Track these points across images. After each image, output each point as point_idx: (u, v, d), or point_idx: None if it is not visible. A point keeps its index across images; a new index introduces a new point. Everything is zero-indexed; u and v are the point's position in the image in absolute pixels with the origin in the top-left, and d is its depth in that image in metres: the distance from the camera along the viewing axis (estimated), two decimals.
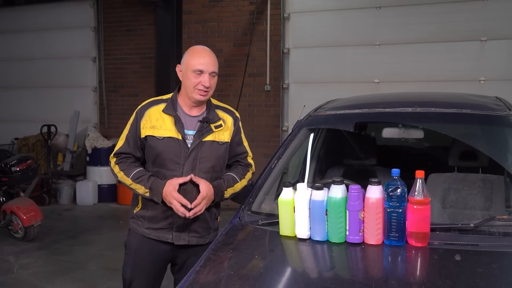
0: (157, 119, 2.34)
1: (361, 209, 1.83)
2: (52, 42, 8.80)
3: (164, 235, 2.37)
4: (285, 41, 7.36)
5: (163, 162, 2.32)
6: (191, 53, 2.35)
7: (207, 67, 2.30)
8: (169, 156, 2.31)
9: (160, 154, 2.32)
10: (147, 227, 2.39)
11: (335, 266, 1.81)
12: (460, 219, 2.34)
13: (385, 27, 6.79)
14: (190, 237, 2.38)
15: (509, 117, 2.34)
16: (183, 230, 2.36)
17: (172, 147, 2.30)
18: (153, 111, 2.36)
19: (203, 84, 2.29)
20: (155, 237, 2.38)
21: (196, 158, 2.32)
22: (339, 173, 3.08)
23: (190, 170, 2.30)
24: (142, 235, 2.40)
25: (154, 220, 2.37)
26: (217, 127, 2.38)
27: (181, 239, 2.37)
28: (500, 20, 6.26)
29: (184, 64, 2.35)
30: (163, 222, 2.36)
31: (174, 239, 2.37)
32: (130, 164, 2.37)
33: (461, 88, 5.75)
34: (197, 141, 2.31)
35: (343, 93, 3.83)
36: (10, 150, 8.19)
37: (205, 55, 2.33)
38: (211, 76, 2.31)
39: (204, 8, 7.69)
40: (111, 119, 8.55)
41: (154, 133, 2.32)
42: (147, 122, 2.34)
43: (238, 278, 1.66)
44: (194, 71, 2.29)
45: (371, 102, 2.82)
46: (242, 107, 7.33)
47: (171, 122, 2.33)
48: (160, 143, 2.31)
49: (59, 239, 5.82)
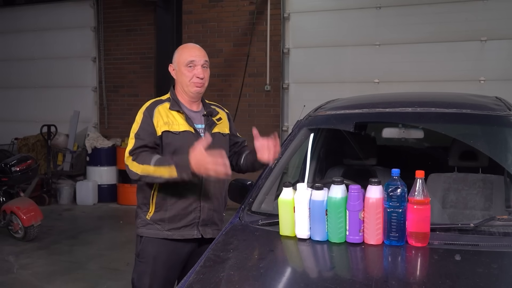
0: (167, 116, 2.37)
1: (361, 209, 1.83)
2: (52, 42, 8.80)
3: (189, 232, 2.37)
4: (285, 41, 7.36)
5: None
6: (180, 50, 2.46)
7: (198, 58, 2.39)
8: (187, 150, 2.23)
9: (179, 148, 2.32)
10: (169, 229, 2.36)
11: (335, 266, 1.81)
12: (460, 219, 2.34)
13: (385, 27, 6.79)
14: (213, 229, 2.42)
15: (509, 117, 2.34)
16: (207, 223, 2.40)
17: (190, 140, 2.31)
18: (161, 109, 2.39)
19: (197, 76, 2.37)
20: (180, 236, 2.36)
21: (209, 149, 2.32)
22: (339, 173, 3.08)
23: None
24: (163, 239, 2.36)
25: (176, 219, 2.36)
26: (218, 119, 2.51)
27: (207, 233, 2.40)
28: (500, 20, 6.26)
29: (176, 61, 2.43)
30: (186, 219, 2.36)
31: (203, 234, 2.38)
32: (148, 155, 2.25)
33: (461, 88, 5.74)
34: (208, 133, 2.39)
35: (343, 93, 3.83)
36: (10, 150, 8.20)
37: (195, 48, 2.45)
38: (203, 68, 2.40)
39: (204, 8, 7.69)
40: (111, 119, 8.55)
41: (170, 129, 2.35)
42: (159, 120, 2.35)
43: (238, 278, 1.66)
44: (187, 65, 2.37)
45: (371, 102, 2.82)
46: (242, 107, 7.33)
47: (181, 117, 2.39)
48: (177, 137, 2.34)
49: (59, 239, 5.82)
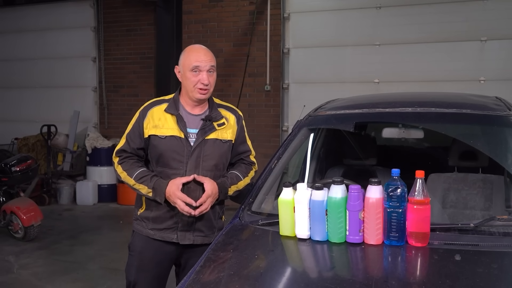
0: (159, 119, 2.34)
1: (361, 209, 1.83)
2: (52, 42, 8.79)
3: (168, 235, 2.37)
4: (285, 41, 7.36)
5: (166, 161, 2.32)
6: (187, 53, 2.37)
7: (204, 63, 2.30)
8: (171, 155, 2.31)
9: (163, 153, 2.32)
10: (152, 228, 2.39)
11: (335, 266, 1.81)
12: (460, 219, 2.34)
13: (385, 27, 6.79)
14: (195, 236, 2.38)
15: (509, 117, 2.34)
16: (188, 229, 2.36)
17: (175, 146, 2.30)
18: (156, 111, 2.37)
19: (202, 82, 2.29)
20: (160, 237, 2.38)
21: (199, 156, 2.32)
22: (339, 173, 3.08)
23: (193, 168, 2.30)
24: (146, 236, 2.40)
25: (158, 220, 2.37)
26: (220, 125, 2.38)
27: (186, 239, 2.37)
28: (500, 20, 6.26)
29: (181, 65, 2.36)
30: (168, 222, 2.36)
31: (179, 239, 2.36)
32: (133, 164, 2.37)
33: (461, 88, 5.75)
34: (200, 139, 2.32)
35: (343, 93, 3.83)
36: (10, 150, 8.19)
37: (201, 52, 2.34)
38: (209, 73, 2.32)
39: (204, 8, 7.69)
40: (111, 119, 8.55)
41: (156, 132, 2.32)
42: (149, 122, 2.35)
43: (238, 278, 1.66)
44: (192, 70, 2.30)
45: (371, 102, 2.82)
46: (242, 107, 7.32)
47: (173, 121, 2.33)
48: (163, 142, 2.31)
49: (59, 239, 5.82)
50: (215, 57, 2.40)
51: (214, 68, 2.36)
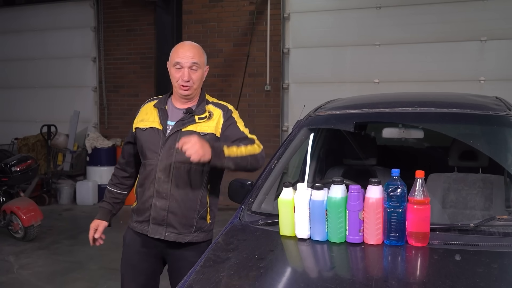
0: (146, 113, 2.41)
1: (361, 209, 1.83)
2: (52, 42, 8.79)
3: (143, 228, 2.37)
4: (285, 41, 7.36)
5: (145, 152, 2.36)
6: (174, 49, 2.37)
7: (185, 59, 2.28)
8: (148, 146, 2.34)
9: (143, 144, 2.36)
10: (135, 220, 2.42)
11: (335, 266, 1.81)
12: (460, 219, 2.34)
13: (385, 27, 6.79)
14: (168, 232, 2.32)
15: (509, 117, 2.34)
16: (160, 223, 2.32)
17: (152, 137, 2.33)
18: (147, 106, 2.45)
19: (182, 79, 2.28)
20: (139, 230, 2.39)
21: (172, 147, 2.27)
22: (339, 173, 3.08)
23: (165, 159, 2.29)
24: (132, 229, 2.44)
25: (138, 212, 2.40)
26: (201, 118, 2.32)
27: (158, 233, 2.33)
28: (500, 20, 6.26)
29: (169, 60, 2.38)
30: (144, 215, 2.36)
31: (150, 232, 2.34)
32: (113, 180, 2.59)
33: (461, 88, 5.75)
34: (174, 130, 2.30)
35: (343, 93, 3.83)
36: (10, 150, 8.18)
37: (184, 48, 2.31)
38: (192, 70, 2.29)
39: (204, 8, 7.68)
40: (111, 119, 8.55)
41: (140, 125, 2.39)
42: (138, 117, 2.44)
43: (238, 278, 1.66)
44: (174, 66, 2.31)
45: (371, 102, 2.82)
46: (242, 107, 7.32)
47: (157, 114, 2.38)
48: (143, 134, 2.36)
49: (59, 239, 5.82)
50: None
51: (198, 66, 2.30)
